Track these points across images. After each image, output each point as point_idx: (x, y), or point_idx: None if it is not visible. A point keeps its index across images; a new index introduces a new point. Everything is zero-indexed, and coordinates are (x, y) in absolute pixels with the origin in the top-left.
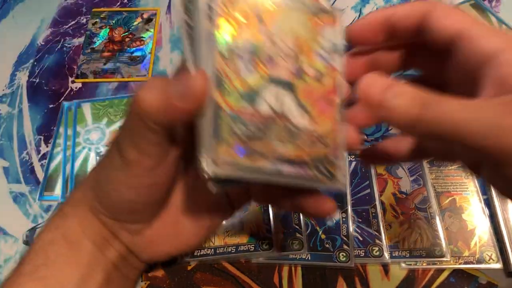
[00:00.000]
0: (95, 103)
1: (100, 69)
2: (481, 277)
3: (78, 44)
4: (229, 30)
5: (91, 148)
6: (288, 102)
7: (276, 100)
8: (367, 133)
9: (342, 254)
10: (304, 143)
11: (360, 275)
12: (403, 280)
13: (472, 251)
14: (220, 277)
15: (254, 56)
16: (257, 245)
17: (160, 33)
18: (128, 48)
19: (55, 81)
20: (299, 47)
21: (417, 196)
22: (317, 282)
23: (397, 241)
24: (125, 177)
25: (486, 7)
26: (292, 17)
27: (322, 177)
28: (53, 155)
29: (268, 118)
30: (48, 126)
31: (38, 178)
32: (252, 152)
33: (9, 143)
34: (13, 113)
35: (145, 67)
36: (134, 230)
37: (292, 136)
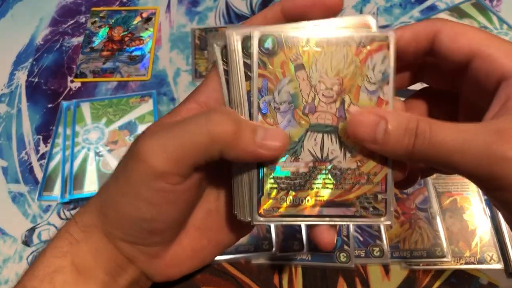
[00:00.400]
0: (94, 103)
1: (99, 68)
2: (482, 277)
3: (77, 44)
4: (266, 84)
5: (90, 148)
6: (330, 146)
7: (318, 147)
8: None
9: (343, 254)
10: (348, 184)
11: (361, 276)
12: (404, 281)
13: (473, 251)
14: (220, 277)
15: (294, 106)
16: (257, 245)
17: (160, 32)
18: (127, 47)
19: (54, 80)
20: (343, 86)
21: (418, 196)
22: (318, 282)
23: (398, 242)
24: (147, 190)
25: (487, 6)
26: (336, 55)
27: (367, 214)
28: (52, 154)
29: (311, 166)
30: (47, 125)
31: (37, 178)
32: (296, 201)
33: (8, 143)
34: (12, 112)
35: (145, 66)
36: (153, 253)
37: (336, 179)
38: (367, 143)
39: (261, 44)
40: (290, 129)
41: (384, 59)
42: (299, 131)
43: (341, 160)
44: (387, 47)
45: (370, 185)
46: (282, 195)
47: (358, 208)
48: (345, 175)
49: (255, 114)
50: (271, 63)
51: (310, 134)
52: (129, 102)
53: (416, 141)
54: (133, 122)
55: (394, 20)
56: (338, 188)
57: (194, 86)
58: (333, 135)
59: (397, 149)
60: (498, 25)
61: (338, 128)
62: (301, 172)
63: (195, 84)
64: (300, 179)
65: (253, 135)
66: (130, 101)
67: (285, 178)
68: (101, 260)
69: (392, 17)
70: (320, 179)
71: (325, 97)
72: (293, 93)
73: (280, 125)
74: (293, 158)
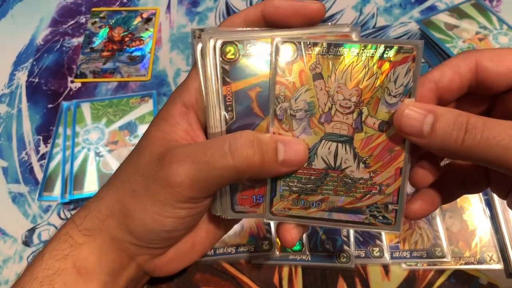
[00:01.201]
0: (94, 103)
1: (99, 68)
2: (482, 277)
3: (78, 44)
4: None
5: (90, 148)
6: (344, 155)
7: (332, 155)
8: None
9: (343, 254)
10: (360, 193)
11: (361, 276)
12: (404, 281)
13: (473, 251)
14: (220, 277)
15: (310, 115)
16: (257, 245)
17: (160, 33)
18: (128, 47)
19: (54, 80)
20: (362, 98)
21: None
22: (318, 283)
23: (398, 242)
24: (174, 209)
25: (487, 7)
26: (357, 65)
27: (376, 222)
28: (52, 155)
29: (323, 173)
30: (47, 126)
31: (37, 178)
32: (306, 204)
33: (8, 143)
34: (12, 113)
35: (145, 67)
36: (158, 253)
37: (347, 187)
38: (413, 137)
39: (278, 51)
40: (305, 136)
41: (408, 72)
42: (314, 139)
43: (354, 170)
44: (412, 59)
45: (382, 196)
46: (293, 197)
47: (367, 215)
48: (357, 184)
49: (271, 119)
50: (289, 70)
51: (324, 143)
52: (129, 102)
53: (467, 136)
54: (133, 123)
55: (394, 20)
56: (349, 196)
57: None
58: (347, 145)
59: (444, 144)
60: (498, 25)
61: (353, 138)
62: (313, 178)
63: None
64: (312, 184)
65: (275, 155)
66: (130, 102)
67: (297, 182)
68: (104, 262)
69: (392, 17)
70: (331, 186)
71: (342, 107)
72: (309, 101)
73: (295, 132)
74: (307, 164)
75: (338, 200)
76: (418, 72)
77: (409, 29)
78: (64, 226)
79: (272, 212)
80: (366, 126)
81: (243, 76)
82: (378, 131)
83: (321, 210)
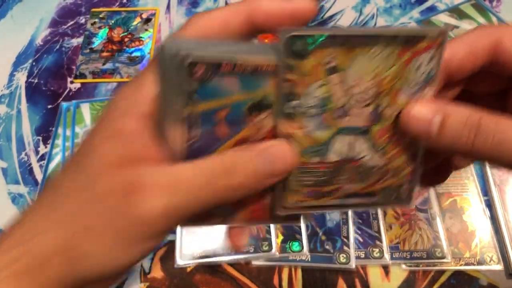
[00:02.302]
0: (94, 104)
1: (99, 69)
2: (482, 278)
3: (77, 44)
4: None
5: None
6: (359, 147)
7: (346, 148)
8: None
9: (343, 255)
10: (374, 179)
11: (361, 277)
12: (404, 282)
13: (473, 252)
14: (219, 278)
15: (324, 111)
16: (257, 246)
17: (159, 33)
18: (127, 48)
19: (53, 81)
20: (380, 89)
21: (418, 197)
22: (317, 283)
23: (398, 243)
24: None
25: (487, 7)
26: (376, 56)
27: (388, 202)
28: (51, 156)
29: (338, 164)
30: (46, 126)
31: (36, 179)
32: (320, 195)
33: (8, 144)
34: (11, 113)
35: (144, 67)
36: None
37: (362, 176)
38: (421, 138)
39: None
40: (318, 132)
41: (431, 59)
42: (328, 133)
43: (369, 159)
44: (437, 45)
45: (395, 179)
46: (306, 190)
47: (380, 197)
48: (372, 171)
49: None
50: (301, 66)
51: (339, 137)
52: None
53: (477, 138)
54: None
55: (394, 21)
56: (363, 184)
57: None
58: (364, 137)
59: (454, 145)
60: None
61: (369, 130)
62: (327, 171)
63: None
64: (326, 176)
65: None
66: None
67: (311, 176)
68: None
69: (392, 18)
70: (346, 176)
71: (359, 101)
72: (323, 97)
73: (308, 129)
74: (320, 158)
75: (352, 187)
76: (442, 60)
77: None
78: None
79: (284, 207)
80: (384, 117)
81: (214, 96)
82: (395, 121)
83: (334, 198)
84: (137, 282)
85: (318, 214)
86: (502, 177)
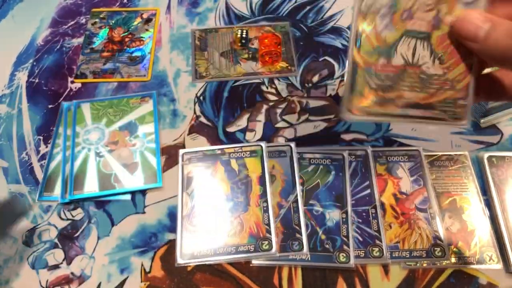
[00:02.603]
0: (95, 103)
1: (99, 69)
2: (481, 277)
3: (78, 44)
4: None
5: (91, 148)
6: (422, 51)
7: (410, 52)
8: (368, 133)
9: (342, 254)
10: (434, 89)
11: (360, 276)
12: (403, 281)
13: (473, 251)
14: (219, 277)
15: (393, 12)
16: (257, 245)
17: (160, 33)
18: (128, 48)
19: (54, 81)
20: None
21: (418, 196)
22: (317, 282)
23: (397, 242)
24: None
25: None
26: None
27: (447, 117)
28: (52, 155)
29: (401, 69)
30: (47, 126)
31: (37, 178)
32: (384, 100)
33: (9, 144)
34: (12, 113)
35: (145, 67)
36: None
37: (423, 84)
38: (468, 42)
39: None
40: (387, 32)
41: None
42: (395, 35)
43: (429, 66)
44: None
45: (453, 91)
46: (371, 95)
47: (438, 110)
48: (431, 80)
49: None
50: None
51: (404, 39)
52: (129, 102)
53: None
54: (133, 123)
55: None
56: (423, 92)
57: (194, 87)
58: (425, 42)
59: (497, 50)
60: None
61: (431, 35)
62: (391, 75)
63: (195, 85)
64: (389, 81)
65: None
66: (131, 102)
67: (376, 79)
68: None
69: None
70: (408, 83)
71: (424, 5)
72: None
73: (378, 28)
74: (386, 60)
75: (413, 96)
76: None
77: None
78: None
79: (350, 110)
80: (443, 24)
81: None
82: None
83: (397, 106)
84: (138, 281)
85: (318, 214)
86: (502, 177)
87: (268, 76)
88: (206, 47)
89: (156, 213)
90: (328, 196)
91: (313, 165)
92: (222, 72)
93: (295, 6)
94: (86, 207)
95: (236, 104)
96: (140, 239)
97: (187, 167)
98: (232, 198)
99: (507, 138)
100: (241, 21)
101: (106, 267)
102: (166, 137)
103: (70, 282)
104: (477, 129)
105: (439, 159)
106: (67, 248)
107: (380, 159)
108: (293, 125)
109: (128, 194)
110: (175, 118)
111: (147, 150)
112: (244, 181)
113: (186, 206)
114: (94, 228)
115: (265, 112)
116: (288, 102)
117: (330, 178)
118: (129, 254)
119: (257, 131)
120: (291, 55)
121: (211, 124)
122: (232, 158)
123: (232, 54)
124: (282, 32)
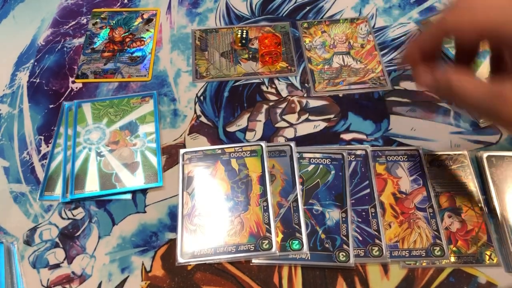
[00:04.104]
0: (96, 103)
1: (100, 69)
2: (481, 276)
3: (79, 45)
4: None
5: (91, 148)
6: (347, 59)
7: (341, 60)
8: (367, 133)
9: (342, 254)
10: (361, 74)
11: (360, 275)
12: (403, 280)
13: (472, 250)
14: (220, 276)
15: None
16: (257, 245)
17: (160, 33)
18: (128, 48)
19: (55, 81)
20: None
21: (417, 196)
22: (317, 282)
23: (397, 241)
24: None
25: None
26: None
27: (375, 86)
28: (53, 155)
29: (339, 68)
30: (48, 126)
31: (38, 178)
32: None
33: (10, 143)
34: (13, 113)
35: (145, 67)
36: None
37: (354, 73)
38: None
39: None
40: (324, 54)
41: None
42: (329, 55)
43: (355, 66)
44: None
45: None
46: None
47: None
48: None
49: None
50: None
51: (335, 56)
52: (130, 102)
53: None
54: (134, 123)
55: (393, 21)
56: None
57: (194, 87)
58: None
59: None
60: None
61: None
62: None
63: (195, 84)
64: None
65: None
66: (131, 102)
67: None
68: None
69: (391, 18)
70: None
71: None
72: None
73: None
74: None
75: (352, 78)
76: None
77: (408, 29)
78: None
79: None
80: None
81: None
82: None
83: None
84: (138, 280)
85: (318, 213)
86: (501, 176)
87: (268, 76)
88: (206, 47)
89: (156, 212)
90: (328, 195)
91: (313, 165)
92: (223, 72)
93: (295, 6)
94: (87, 206)
95: (236, 104)
96: (140, 238)
97: (188, 166)
98: (232, 198)
99: (506, 137)
100: (241, 21)
101: (107, 266)
102: (167, 136)
103: (71, 281)
104: (477, 129)
105: (438, 158)
106: (68, 248)
107: (379, 159)
108: (293, 125)
109: (129, 194)
110: (175, 118)
111: (147, 149)
112: (244, 181)
113: (186, 206)
114: (95, 227)
115: (265, 112)
116: (288, 102)
117: (330, 177)
118: (130, 253)
119: (257, 131)
120: (291, 55)
121: (211, 124)
122: (232, 157)
123: (232, 54)
124: (282, 32)
